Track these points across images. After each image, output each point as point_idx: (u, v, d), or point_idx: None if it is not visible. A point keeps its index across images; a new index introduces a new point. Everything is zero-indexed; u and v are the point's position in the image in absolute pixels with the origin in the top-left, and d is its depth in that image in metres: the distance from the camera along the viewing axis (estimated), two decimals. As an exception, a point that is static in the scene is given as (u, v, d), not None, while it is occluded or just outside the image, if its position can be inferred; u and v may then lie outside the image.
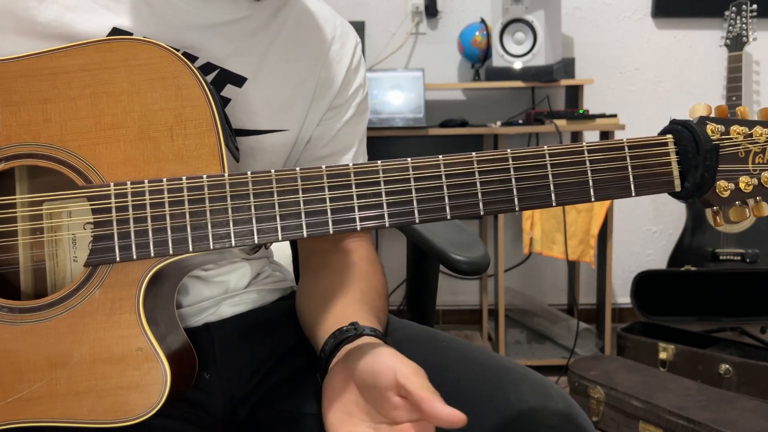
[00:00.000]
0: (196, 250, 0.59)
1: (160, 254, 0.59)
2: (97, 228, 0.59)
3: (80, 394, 0.59)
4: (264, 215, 0.59)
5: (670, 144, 0.61)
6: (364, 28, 2.68)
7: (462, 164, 0.60)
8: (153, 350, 0.59)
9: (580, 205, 2.25)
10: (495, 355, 0.73)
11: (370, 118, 2.46)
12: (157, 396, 0.59)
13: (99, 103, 0.61)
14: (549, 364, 2.31)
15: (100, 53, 0.61)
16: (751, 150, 0.62)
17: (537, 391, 0.65)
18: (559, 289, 2.87)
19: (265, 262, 0.87)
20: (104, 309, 0.60)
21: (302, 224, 0.59)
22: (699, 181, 0.60)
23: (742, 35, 2.40)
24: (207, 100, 0.61)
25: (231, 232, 0.59)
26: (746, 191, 0.62)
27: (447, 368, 0.69)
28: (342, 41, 0.82)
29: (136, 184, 0.59)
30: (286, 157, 0.80)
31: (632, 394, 1.78)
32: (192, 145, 0.61)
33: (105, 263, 0.59)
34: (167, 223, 0.59)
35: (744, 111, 0.63)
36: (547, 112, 2.44)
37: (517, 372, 0.68)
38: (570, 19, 2.71)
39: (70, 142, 0.61)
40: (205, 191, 0.59)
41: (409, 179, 0.59)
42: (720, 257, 2.37)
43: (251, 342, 0.78)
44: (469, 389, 0.66)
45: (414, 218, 0.59)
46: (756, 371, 1.89)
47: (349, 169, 0.59)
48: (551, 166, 0.60)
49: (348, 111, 0.82)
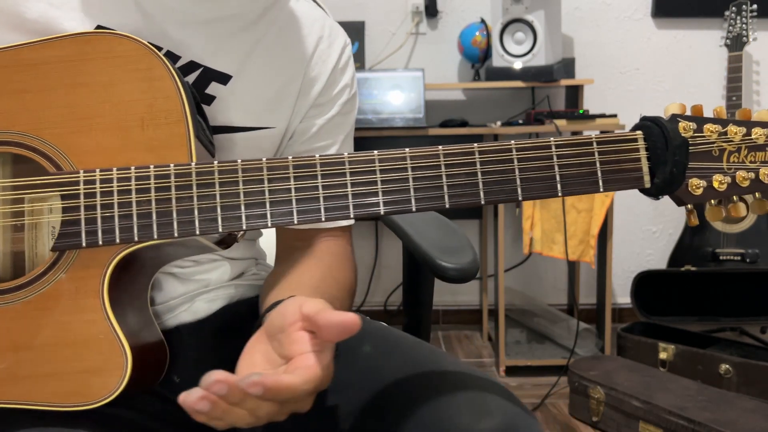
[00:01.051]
0: (161, 237, 0.59)
1: (125, 240, 0.60)
2: (66, 214, 0.60)
3: (43, 377, 0.60)
4: (229, 204, 0.60)
5: (640, 140, 0.61)
6: (364, 28, 2.68)
7: (429, 157, 0.60)
8: (115, 335, 0.60)
9: (580, 205, 2.25)
10: (443, 361, 0.70)
11: (370, 118, 2.46)
12: (118, 380, 0.59)
13: (75, 93, 0.62)
14: (549, 364, 2.31)
15: (79, 45, 0.63)
16: (726, 149, 0.61)
17: (473, 404, 0.62)
18: (559, 289, 2.87)
19: (251, 262, 0.86)
20: (69, 293, 0.61)
21: (266, 213, 0.60)
22: (668, 177, 0.60)
23: (742, 35, 2.40)
24: (178, 91, 0.62)
25: (196, 220, 0.59)
26: (720, 189, 0.61)
27: (389, 373, 0.68)
28: (330, 41, 0.82)
29: (104, 172, 0.60)
30: (272, 154, 0.80)
31: (632, 394, 1.78)
32: (162, 135, 0.62)
33: (72, 248, 0.60)
34: (133, 210, 0.60)
35: (720, 111, 0.63)
36: (547, 112, 2.44)
37: (458, 381, 0.66)
38: (570, 19, 2.71)
39: (44, 131, 0.62)
40: (172, 179, 0.60)
41: (375, 171, 0.60)
42: (720, 257, 2.37)
43: (222, 343, 0.76)
44: (403, 400, 0.64)
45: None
46: (756, 371, 1.89)
47: (315, 159, 0.60)
48: (518, 160, 0.60)
49: (331, 109, 0.82)
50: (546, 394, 2.11)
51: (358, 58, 2.65)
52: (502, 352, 2.33)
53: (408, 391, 0.65)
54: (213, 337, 0.77)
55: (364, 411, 0.65)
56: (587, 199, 2.23)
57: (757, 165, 0.61)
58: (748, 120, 0.62)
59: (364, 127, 2.42)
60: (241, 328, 0.78)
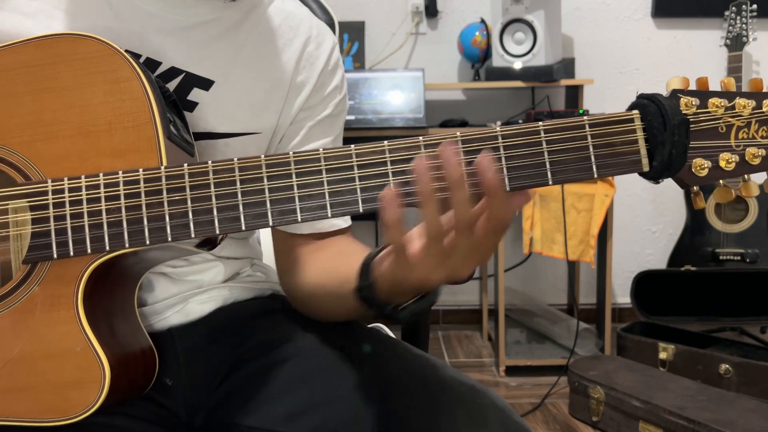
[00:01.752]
0: (132, 245, 0.58)
1: (97, 250, 0.58)
2: (35, 225, 0.59)
3: (19, 391, 0.59)
4: (201, 208, 0.57)
5: (636, 120, 0.56)
6: (364, 28, 2.68)
7: (408, 149, 0.56)
8: (91, 348, 0.58)
9: (580, 205, 2.24)
10: (442, 372, 0.69)
11: (370, 118, 2.46)
12: (96, 393, 0.58)
13: (41, 99, 0.61)
14: (549, 364, 2.31)
15: (42, 49, 0.61)
16: (734, 124, 0.56)
17: (472, 417, 0.62)
18: (559, 289, 2.87)
19: (246, 262, 0.85)
20: (44, 306, 0.59)
21: (240, 216, 0.57)
22: (667, 159, 0.55)
23: (742, 35, 2.40)
24: (145, 92, 0.60)
25: (167, 226, 0.57)
26: (727, 169, 0.55)
27: (386, 384, 0.67)
28: (318, 42, 0.80)
29: (72, 180, 0.58)
30: None
31: (632, 394, 1.78)
32: (130, 138, 0.60)
33: (43, 260, 0.59)
34: (103, 218, 0.58)
35: (728, 83, 0.57)
36: (547, 112, 2.44)
37: (458, 392, 0.65)
38: (570, 19, 2.71)
39: (10, 139, 0.60)
40: (141, 185, 0.58)
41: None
42: (720, 257, 2.37)
43: (215, 346, 0.76)
44: (402, 412, 0.64)
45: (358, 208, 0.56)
46: (756, 371, 1.89)
47: (289, 158, 0.57)
48: (504, 148, 0.56)
49: (323, 111, 0.80)
50: (546, 394, 2.11)
51: (358, 58, 2.65)
52: (502, 352, 2.33)
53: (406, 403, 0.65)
54: (206, 339, 0.76)
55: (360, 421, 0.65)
56: (587, 198, 2.23)
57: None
58: (759, 91, 0.57)
59: (364, 127, 2.42)
60: (235, 330, 0.77)
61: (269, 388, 0.70)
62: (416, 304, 0.61)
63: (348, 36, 2.65)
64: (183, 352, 0.74)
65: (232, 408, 0.71)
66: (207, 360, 0.75)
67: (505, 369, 2.33)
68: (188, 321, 0.76)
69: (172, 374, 0.73)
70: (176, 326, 0.75)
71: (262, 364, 0.73)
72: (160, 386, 0.70)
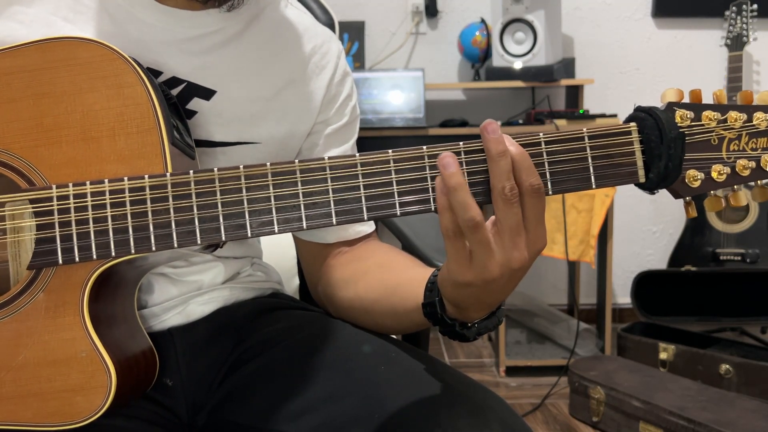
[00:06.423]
0: (138, 251, 0.58)
1: (102, 256, 0.58)
2: (40, 231, 0.58)
3: (25, 397, 0.59)
4: (206, 215, 0.57)
5: (634, 132, 0.57)
6: (364, 28, 2.68)
7: (412, 159, 0.57)
8: (97, 353, 0.58)
9: (581, 205, 2.24)
10: (442, 372, 0.69)
11: (370, 118, 2.46)
12: (102, 398, 0.58)
13: (41, 104, 0.60)
14: (549, 364, 2.31)
15: (40, 53, 0.60)
16: (725, 137, 0.58)
17: (472, 415, 0.62)
18: (559, 289, 2.87)
19: (246, 262, 0.84)
20: (49, 312, 0.59)
21: (246, 223, 0.57)
22: (663, 172, 0.56)
23: (743, 35, 2.40)
24: (149, 98, 0.60)
25: (173, 233, 0.57)
26: (719, 180, 0.57)
27: (387, 384, 0.67)
28: (322, 52, 0.79)
29: (78, 186, 0.58)
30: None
31: (632, 394, 1.78)
32: (134, 144, 0.60)
33: (48, 266, 0.59)
34: (109, 224, 0.58)
35: (720, 95, 0.59)
36: (548, 112, 2.44)
37: (458, 392, 0.65)
38: (570, 19, 2.71)
39: (12, 144, 0.60)
40: (147, 192, 0.58)
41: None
42: (720, 257, 2.37)
43: (215, 345, 0.76)
44: (402, 411, 0.64)
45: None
46: (756, 371, 1.89)
47: (294, 166, 0.57)
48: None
49: (340, 120, 0.81)
50: (546, 395, 2.11)
51: (358, 58, 2.65)
52: (502, 352, 2.33)
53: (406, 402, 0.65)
54: (206, 338, 0.76)
55: (361, 420, 0.64)
56: (587, 199, 2.23)
57: (758, 152, 0.58)
58: (750, 104, 0.59)
59: (364, 127, 2.42)
60: (236, 329, 0.77)
61: (270, 388, 0.70)
62: (483, 322, 0.63)
63: (348, 36, 2.65)
64: (183, 352, 0.74)
65: (233, 407, 0.71)
66: (207, 359, 0.75)
67: (505, 369, 2.33)
68: (188, 322, 0.76)
69: (172, 374, 0.73)
70: (176, 327, 0.75)
71: (263, 363, 0.73)
72: (160, 386, 0.70)
